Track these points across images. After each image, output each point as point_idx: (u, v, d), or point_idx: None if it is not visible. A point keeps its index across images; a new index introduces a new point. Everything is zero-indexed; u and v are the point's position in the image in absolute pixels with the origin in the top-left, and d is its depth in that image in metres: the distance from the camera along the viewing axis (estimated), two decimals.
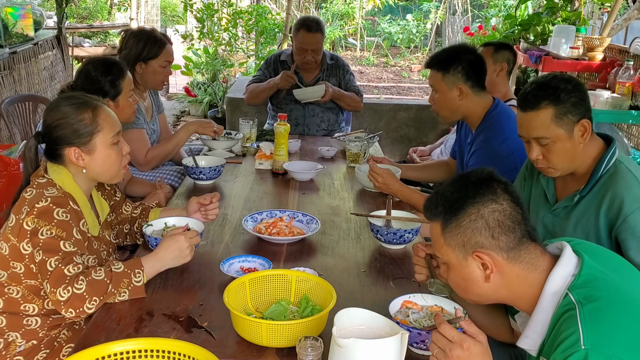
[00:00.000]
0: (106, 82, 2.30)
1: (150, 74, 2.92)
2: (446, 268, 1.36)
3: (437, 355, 1.23)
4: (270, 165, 2.84)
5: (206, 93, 7.34)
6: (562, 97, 1.71)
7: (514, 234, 1.26)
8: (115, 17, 10.47)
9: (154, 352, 1.28)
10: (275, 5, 10.56)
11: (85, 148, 1.71)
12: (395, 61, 12.42)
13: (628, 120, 3.83)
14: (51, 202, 1.60)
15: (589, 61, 4.50)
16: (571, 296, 1.19)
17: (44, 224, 1.58)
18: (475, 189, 1.28)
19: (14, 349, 1.69)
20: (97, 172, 1.75)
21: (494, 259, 1.26)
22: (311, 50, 3.56)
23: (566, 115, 1.71)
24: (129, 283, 1.62)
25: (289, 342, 1.39)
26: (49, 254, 1.57)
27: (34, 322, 1.70)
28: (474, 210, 1.26)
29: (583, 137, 1.74)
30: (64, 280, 1.54)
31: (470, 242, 1.27)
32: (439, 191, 1.34)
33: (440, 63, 2.47)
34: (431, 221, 1.35)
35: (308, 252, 1.99)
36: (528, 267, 1.27)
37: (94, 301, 1.56)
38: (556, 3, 5.24)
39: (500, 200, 1.27)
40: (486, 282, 1.28)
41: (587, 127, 1.73)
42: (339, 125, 3.85)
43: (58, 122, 1.70)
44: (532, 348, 1.28)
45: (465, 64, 2.43)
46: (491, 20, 8.58)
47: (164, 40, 2.94)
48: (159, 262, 1.70)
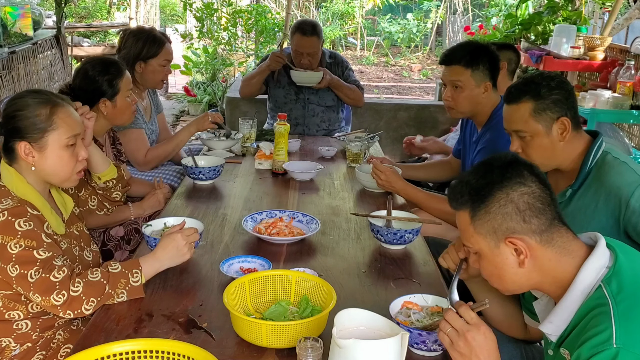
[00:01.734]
0: (104, 82, 2.29)
1: (149, 73, 2.91)
2: (477, 258, 1.32)
3: (450, 334, 1.22)
4: (270, 165, 2.84)
5: (206, 93, 7.34)
6: (542, 93, 1.75)
7: (545, 216, 1.23)
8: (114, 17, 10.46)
9: (153, 353, 1.28)
10: (275, 4, 10.55)
11: (36, 144, 1.64)
12: (396, 60, 12.42)
13: (629, 120, 3.83)
14: (9, 214, 1.55)
15: (590, 61, 4.49)
16: (604, 290, 1.17)
17: (10, 239, 1.53)
18: (502, 173, 1.25)
19: (8, 354, 1.67)
20: (46, 172, 1.67)
21: (528, 243, 1.23)
22: (307, 54, 3.55)
23: (545, 112, 1.75)
24: (127, 283, 1.60)
25: (289, 342, 1.38)
26: (26, 267, 1.53)
27: (25, 326, 1.68)
28: (503, 194, 1.23)
29: (562, 135, 1.76)
30: (54, 286, 1.52)
31: (502, 228, 1.24)
32: (463, 180, 1.31)
33: (468, 59, 2.42)
34: (458, 211, 1.32)
35: (308, 253, 1.99)
36: (560, 252, 1.24)
37: (91, 302, 1.55)
38: (557, 2, 5.23)
39: (528, 183, 1.24)
40: (520, 268, 1.25)
41: (567, 125, 1.75)
42: (339, 125, 3.85)
43: (15, 113, 1.64)
44: (554, 334, 1.26)
45: (489, 62, 2.43)
46: (492, 20, 8.57)
47: (163, 39, 2.93)
48: (157, 262, 1.68)
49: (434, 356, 1.45)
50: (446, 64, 2.50)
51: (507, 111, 1.86)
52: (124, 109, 2.36)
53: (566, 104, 1.76)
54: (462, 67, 2.43)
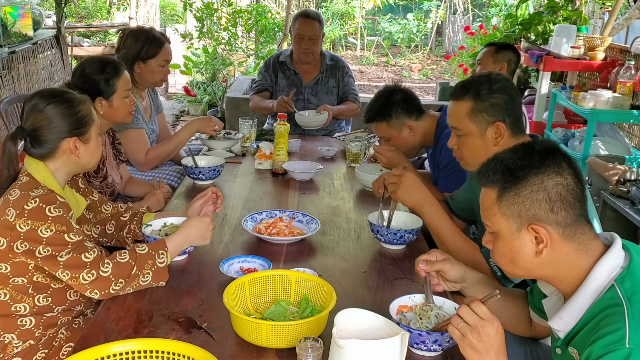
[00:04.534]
0: (100, 80, 2.28)
1: (148, 74, 2.91)
2: (492, 238, 1.31)
3: (462, 328, 1.23)
4: (270, 165, 2.83)
5: (206, 92, 7.33)
6: (482, 95, 1.78)
7: (573, 210, 1.22)
8: (114, 17, 10.45)
9: (153, 353, 1.28)
10: (275, 4, 10.55)
11: (82, 138, 1.74)
12: (396, 60, 12.42)
13: (629, 119, 3.83)
14: (40, 201, 1.60)
15: (590, 61, 4.50)
16: (618, 290, 1.15)
17: (40, 224, 1.58)
18: (541, 159, 1.23)
19: (11, 351, 1.69)
20: (86, 160, 1.78)
21: (550, 233, 1.22)
22: (308, 38, 3.55)
23: (481, 113, 1.79)
24: (153, 264, 1.64)
25: (289, 342, 1.38)
26: (57, 248, 1.58)
27: (28, 322, 1.70)
28: (538, 180, 1.22)
29: (497, 139, 1.79)
30: (84, 265, 1.57)
31: (528, 213, 1.22)
32: (498, 157, 1.29)
33: (380, 114, 2.55)
34: (485, 187, 1.30)
35: (308, 253, 1.99)
36: (579, 248, 1.23)
37: (120, 283, 1.59)
38: (557, 2, 5.24)
39: (564, 174, 1.22)
40: (536, 257, 1.24)
41: (502, 130, 1.77)
42: (339, 125, 3.84)
43: (44, 121, 1.69)
44: (562, 330, 1.25)
45: (400, 103, 2.52)
46: (492, 20, 8.59)
47: (162, 39, 2.93)
48: (184, 239, 1.75)
49: (434, 356, 1.44)
50: (367, 122, 2.66)
51: (450, 106, 1.91)
52: (121, 109, 2.35)
53: (505, 109, 1.79)
54: (378, 123, 2.57)
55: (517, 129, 1.81)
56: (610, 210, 3.21)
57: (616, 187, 3.16)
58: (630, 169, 3.23)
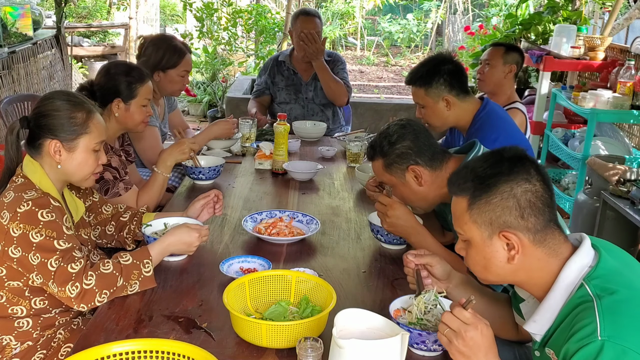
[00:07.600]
0: (123, 82, 2.25)
1: (167, 83, 2.89)
2: (465, 245, 1.33)
3: (448, 335, 1.23)
4: (270, 165, 2.83)
5: (206, 92, 7.33)
6: (385, 151, 1.88)
7: (542, 216, 1.24)
8: (114, 17, 10.44)
9: (153, 353, 1.28)
10: (275, 4, 10.55)
11: (67, 144, 1.70)
12: (396, 60, 12.41)
13: (629, 120, 3.83)
14: (33, 204, 1.59)
15: (590, 61, 4.50)
16: (587, 288, 1.17)
17: (32, 228, 1.57)
18: (510, 167, 1.25)
19: (9, 352, 1.68)
20: (70, 171, 1.73)
21: (521, 239, 1.23)
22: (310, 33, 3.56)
23: (393, 165, 1.87)
24: (139, 274, 1.64)
25: (289, 343, 1.38)
26: (46, 254, 1.56)
27: (26, 324, 1.69)
28: (507, 188, 1.24)
29: (418, 180, 1.86)
30: (70, 277, 1.56)
31: (499, 220, 1.24)
32: (468, 166, 1.31)
33: (421, 78, 2.48)
34: (456, 196, 1.32)
35: (308, 253, 1.99)
36: (550, 252, 1.24)
37: (104, 294, 1.58)
38: (557, 2, 5.24)
39: (533, 181, 1.24)
40: (508, 263, 1.25)
41: (418, 171, 1.85)
42: (339, 124, 3.84)
43: (50, 111, 1.70)
44: (538, 333, 1.27)
45: (446, 75, 2.45)
46: (492, 20, 8.57)
47: (183, 49, 2.90)
48: (166, 248, 1.75)
49: (434, 356, 1.45)
50: (407, 84, 2.58)
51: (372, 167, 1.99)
52: (136, 115, 2.29)
53: (412, 152, 1.85)
54: (417, 88, 2.50)
55: (436, 160, 1.87)
56: (610, 210, 3.20)
57: (616, 187, 3.16)
58: (630, 169, 3.23)
